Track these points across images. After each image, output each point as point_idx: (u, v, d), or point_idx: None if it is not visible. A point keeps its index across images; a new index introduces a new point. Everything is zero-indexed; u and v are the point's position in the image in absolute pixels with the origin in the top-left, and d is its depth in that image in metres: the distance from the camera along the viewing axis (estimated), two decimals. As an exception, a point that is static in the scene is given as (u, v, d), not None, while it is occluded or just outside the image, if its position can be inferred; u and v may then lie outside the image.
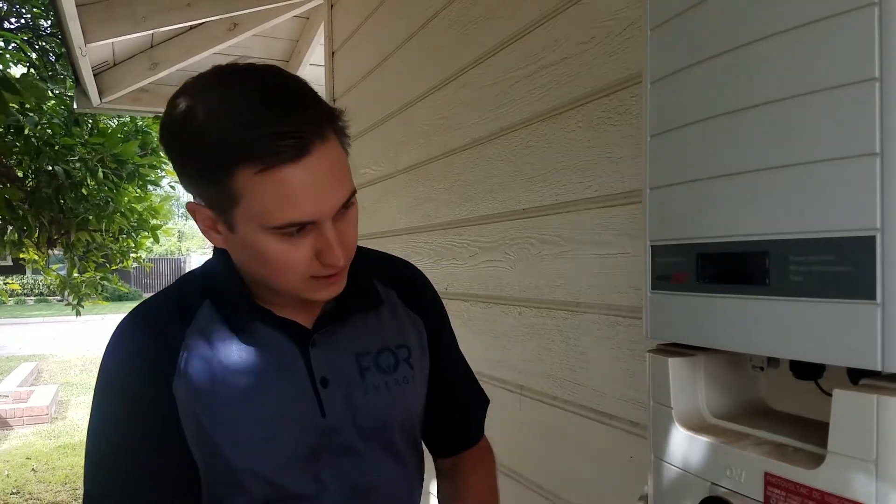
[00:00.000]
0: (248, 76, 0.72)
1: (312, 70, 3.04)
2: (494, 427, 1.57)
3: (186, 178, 0.76)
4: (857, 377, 0.55)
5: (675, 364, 0.66)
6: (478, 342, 1.60)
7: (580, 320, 1.23)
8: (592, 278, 1.19)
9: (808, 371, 0.62)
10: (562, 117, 1.26)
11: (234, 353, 0.81)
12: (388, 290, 0.95)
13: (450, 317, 1.73)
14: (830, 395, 0.66)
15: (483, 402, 1.06)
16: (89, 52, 2.60)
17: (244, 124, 0.69)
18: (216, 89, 0.72)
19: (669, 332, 0.67)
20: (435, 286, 1.84)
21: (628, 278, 1.11)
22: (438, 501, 1.00)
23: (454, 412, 1.00)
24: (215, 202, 0.74)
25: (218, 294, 0.84)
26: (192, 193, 0.78)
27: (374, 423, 0.86)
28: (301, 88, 0.74)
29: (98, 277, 4.99)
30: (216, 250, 0.86)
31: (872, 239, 0.47)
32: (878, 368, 0.46)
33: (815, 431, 0.59)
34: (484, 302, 1.57)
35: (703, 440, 0.62)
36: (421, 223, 1.91)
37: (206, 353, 0.80)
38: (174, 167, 0.77)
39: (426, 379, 0.95)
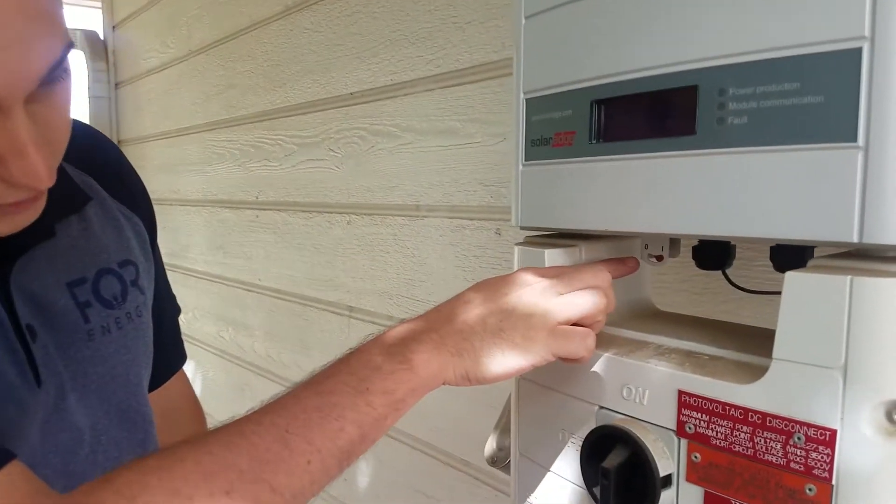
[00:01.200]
0: None
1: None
2: (319, 357, 1.41)
3: None
4: (789, 259, 0.44)
5: (552, 257, 0.52)
6: (298, 260, 1.39)
7: (420, 226, 1.07)
8: (435, 175, 1.03)
9: (715, 257, 0.51)
10: (397, -30, 1.06)
11: None
12: (86, 179, 0.67)
13: (263, 231, 1.51)
14: (741, 288, 0.56)
15: (178, 309, 0.87)
16: None
17: None
18: None
19: (547, 215, 0.52)
20: (243, 194, 1.60)
21: (477, 172, 0.96)
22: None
23: (166, 332, 0.80)
24: None
25: None
26: None
27: (104, 382, 0.63)
28: None
29: None
30: None
31: (857, 53, 0.34)
32: (854, 240, 0.35)
33: (732, 336, 0.48)
34: (305, 211, 1.37)
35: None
36: (223, 116, 1.63)
37: None
38: None
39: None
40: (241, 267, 1.62)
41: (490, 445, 0.65)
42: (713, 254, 0.50)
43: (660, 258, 0.51)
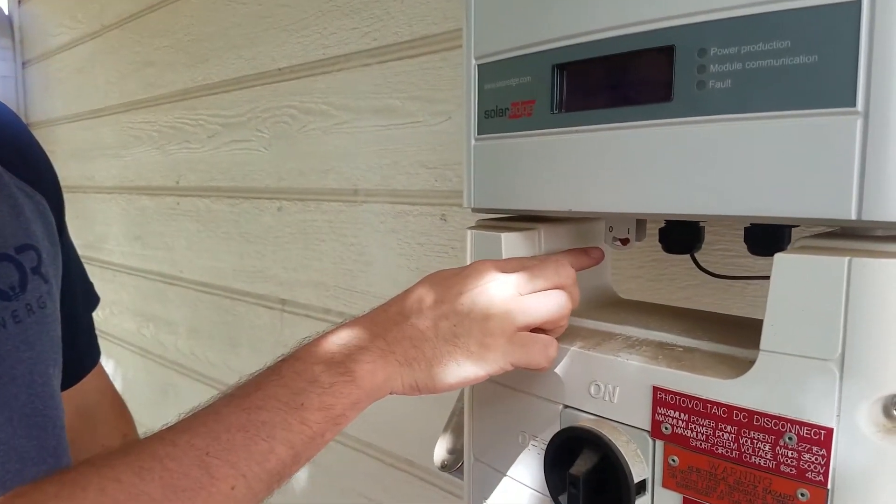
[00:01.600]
0: None
1: None
2: (248, 355, 1.33)
3: None
4: (767, 240, 0.41)
5: (510, 242, 0.48)
6: (224, 250, 1.31)
7: (358, 212, 1.01)
8: (373, 157, 0.98)
9: (684, 240, 0.48)
10: (329, -66, 0.99)
11: None
12: None
13: (185, 219, 1.42)
14: (712, 273, 0.53)
15: (96, 299, 0.81)
16: None
17: None
18: None
19: (503, 196, 0.48)
20: (163, 180, 1.50)
21: (419, 154, 0.91)
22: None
23: (81, 325, 0.74)
24: None
25: None
26: None
27: (2, 384, 0.56)
28: None
29: None
30: None
31: (855, 6, 0.31)
32: (852, 217, 0.31)
33: (705, 326, 0.45)
34: (230, 197, 1.29)
35: (550, 349, 0.45)
36: (141, 96, 1.53)
37: None
38: None
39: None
40: (161, 258, 1.53)
41: (440, 449, 0.60)
42: (682, 236, 0.47)
43: (625, 242, 0.48)
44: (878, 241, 0.33)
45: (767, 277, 0.54)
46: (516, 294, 0.42)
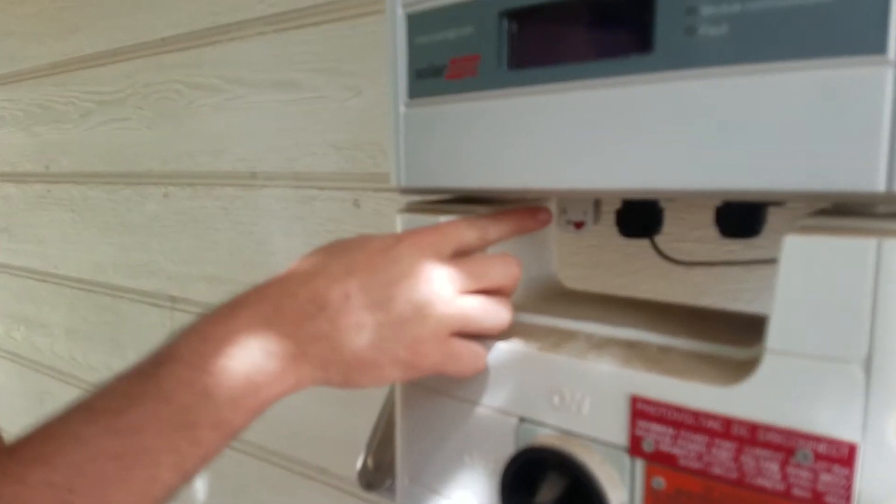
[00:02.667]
0: None
1: None
2: (135, 358, 1.17)
3: None
4: (742, 221, 0.35)
5: (448, 228, 0.40)
6: (103, 242, 1.16)
7: (258, 197, 0.90)
8: (274, 137, 0.87)
9: (644, 222, 0.41)
10: None
11: None
12: None
13: (57, 208, 1.25)
14: (670, 258, 0.47)
15: None
16: None
17: None
18: None
19: (440, 172, 0.39)
20: (30, 165, 1.32)
21: (327, 132, 0.81)
22: None
23: None
24: None
25: None
26: None
27: None
28: None
29: None
30: None
31: (887, -70, 0.25)
32: (880, 189, 0.26)
33: (674, 319, 0.39)
34: (109, 183, 1.13)
35: (501, 347, 0.37)
36: (1, 71, 1.33)
37: None
38: None
39: None
40: (31, 253, 1.34)
41: (364, 464, 0.51)
42: (642, 218, 0.41)
43: (579, 225, 0.41)
44: (890, 219, 0.28)
45: (736, 263, 0.48)
46: (456, 293, 0.35)
